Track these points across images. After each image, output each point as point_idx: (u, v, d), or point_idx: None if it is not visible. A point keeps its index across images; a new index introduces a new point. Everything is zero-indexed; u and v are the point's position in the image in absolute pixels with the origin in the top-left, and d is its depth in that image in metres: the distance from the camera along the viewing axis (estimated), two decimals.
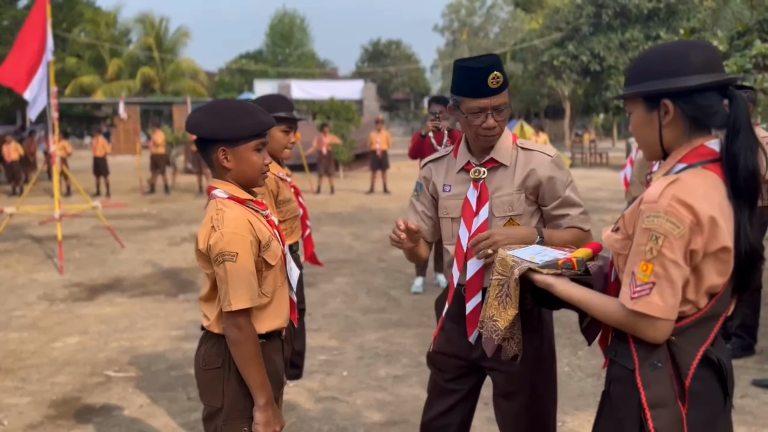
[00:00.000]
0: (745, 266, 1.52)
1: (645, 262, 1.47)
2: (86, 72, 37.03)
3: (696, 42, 1.62)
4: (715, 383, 1.55)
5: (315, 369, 4.44)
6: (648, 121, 1.61)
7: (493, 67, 2.13)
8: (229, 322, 1.96)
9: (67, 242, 9.06)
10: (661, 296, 1.46)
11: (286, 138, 2.95)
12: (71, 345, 4.98)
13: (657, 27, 19.25)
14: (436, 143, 6.30)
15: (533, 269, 1.75)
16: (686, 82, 1.53)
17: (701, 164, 1.54)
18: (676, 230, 1.44)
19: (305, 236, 3.17)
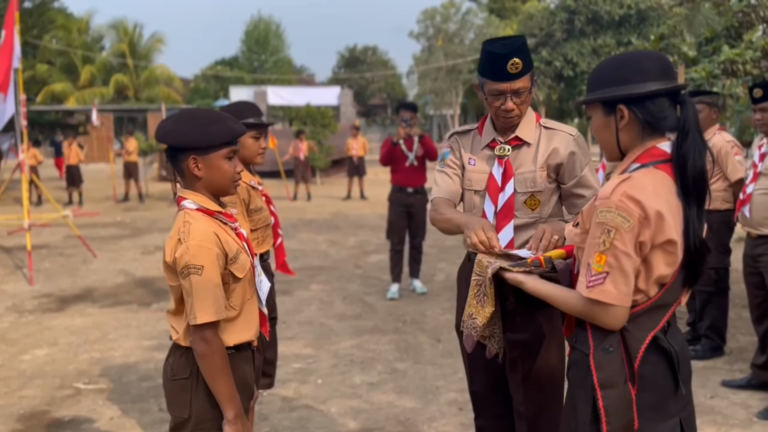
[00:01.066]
0: (694, 259, 1.65)
1: (599, 253, 1.60)
2: (58, 79, 36.47)
3: (650, 52, 1.77)
4: (665, 369, 1.66)
5: (289, 377, 4.41)
6: (606, 124, 1.74)
7: (514, 53, 2.19)
8: (195, 336, 1.94)
9: (38, 252, 8.90)
10: (614, 285, 1.59)
11: (256, 144, 2.94)
12: (40, 357, 4.89)
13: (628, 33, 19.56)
14: (407, 149, 6.32)
15: (505, 268, 1.86)
16: (639, 89, 1.67)
17: (653, 164, 1.67)
18: (626, 224, 1.57)
19: (277, 245, 3.15)
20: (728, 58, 8.47)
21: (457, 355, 4.69)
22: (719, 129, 4.71)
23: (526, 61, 2.22)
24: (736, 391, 4.04)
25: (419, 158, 6.30)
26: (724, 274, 4.65)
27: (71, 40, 37.53)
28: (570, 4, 20.42)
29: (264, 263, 3.04)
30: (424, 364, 4.61)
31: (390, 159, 6.32)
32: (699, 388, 4.12)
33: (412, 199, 6.35)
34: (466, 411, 3.82)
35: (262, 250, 2.99)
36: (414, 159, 6.27)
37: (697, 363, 4.53)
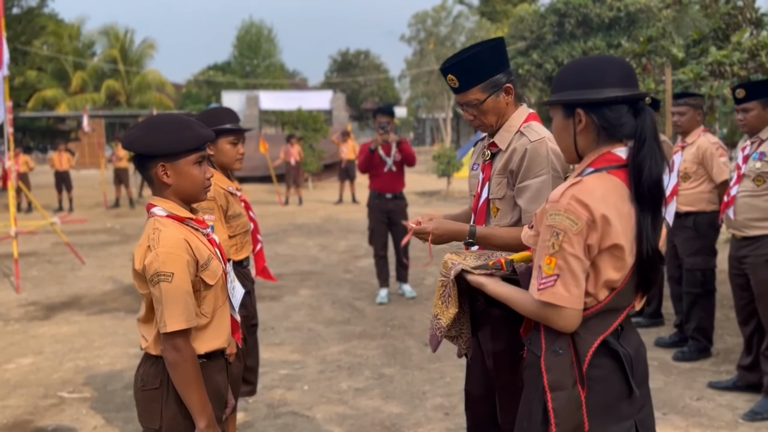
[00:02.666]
0: (646, 267, 1.66)
1: (549, 256, 1.62)
2: (49, 85, 36.37)
3: (613, 58, 1.77)
4: (616, 371, 1.66)
5: (275, 384, 4.38)
6: (565, 127, 1.76)
7: (448, 70, 2.24)
8: (166, 344, 1.91)
9: (25, 260, 8.85)
10: (565, 287, 1.60)
11: (234, 150, 2.92)
12: (25, 366, 4.84)
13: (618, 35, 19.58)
14: (385, 155, 6.29)
15: (466, 270, 1.89)
16: (597, 95, 1.68)
17: (606, 169, 1.68)
18: (574, 226, 1.59)
19: (256, 251, 3.13)
20: (716, 60, 8.50)
21: (445, 359, 4.68)
22: (704, 131, 4.72)
23: (463, 77, 2.20)
24: (723, 392, 4.03)
25: (398, 164, 6.28)
26: (711, 275, 4.66)
27: (62, 46, 37.43)
28: (560, 7, 20.46)
29: (244, 269, 3.01)
30: (411, 369, 4.59)
31: (368, 166, 6.30)
32: (685, 389, 4.12)
33: (391, 204, 6.32)
34: (453, 416, 3.80)
35: (241, 256, 2.97)
36: (392, 165, 6.25)
37: (683, 364, 4.54)
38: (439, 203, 15.01)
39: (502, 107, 2.28)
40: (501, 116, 2.30)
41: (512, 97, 2.28)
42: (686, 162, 4.66)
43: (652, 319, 5.42)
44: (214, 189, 2.83)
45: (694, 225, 4.62)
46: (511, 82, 2.28)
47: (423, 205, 14.53)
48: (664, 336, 5.04)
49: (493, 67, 2.23)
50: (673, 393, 4.08)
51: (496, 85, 2.25)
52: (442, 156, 16.48)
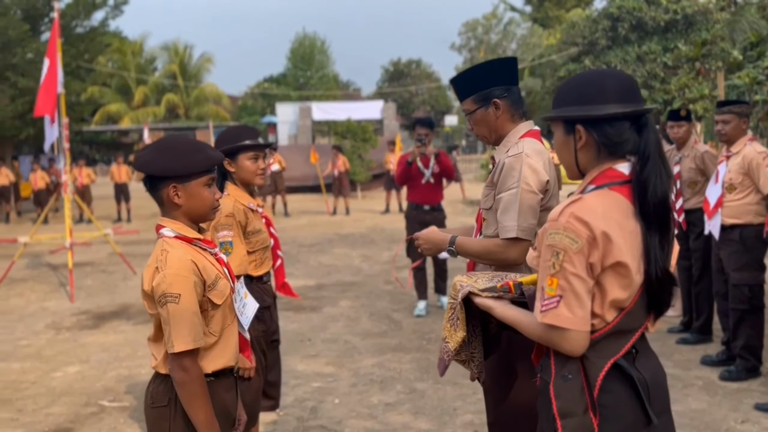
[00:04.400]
0: (656, 287, 1.59)
1: (550, 276, 1.57)
2: (113, 100, 37.94)
3: (615, 72, 1.71)
4: (630, 398, 1.58)
5: (307, 396, 4.41)
6: (566, 143, 1.73)
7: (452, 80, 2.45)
8: (173, 364, 1.95)
9: (82, 269, 9.21)
10: (569, 308, 1.54)
11: (255, 165, 2.97)
12: (71, 374, 5.03)
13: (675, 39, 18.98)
14: (423, 167, 6.26)
15: (474, 293, 1.85)
16: (597, 111, 1.63)
17: (608, 186, 1.63)
18: (575, 245, 1.54)
19: (276, 267, 3.16)
20: None
21: None
22: (750, 139, 4.52)
23: (459, 87, 2.39)
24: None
25: (436, 176, 6.24)
26: (759, 290, 4.44)
27: (126, 62, 39.00)
28: (613, 12, 19.99)
29: (264, 285, 3.05)
30: (443, 384, 4.54)
31: (406, 178, 6.28)
32: (730, 411, 3.93)
33: (429, 216, 6.27)
34: None
35: (260, 272, 3.01)
36: (430, 176, 6.21)
37: (730, 384, 4.33)
38: None
39: (491, 120, 2.36)
40: (493, 130, 2.38)
41: (504, 113, 2.35)
42: (731, 172, 4.47)
43: (700, 336, 5.21)
44: (234, 206, 2.89)
45: (740, 238, 4.42)
46: (505, 98, 2.34)
47: (470, 214, 14.40)
48: (711, 354, 4.83)
49: (488, 81, 2.34)
50: (716, 415, 3.90)
51: (486, 99, 2.34)
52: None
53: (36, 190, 16.74)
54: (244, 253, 2.89)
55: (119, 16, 19.48)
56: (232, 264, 2.67)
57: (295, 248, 10.71)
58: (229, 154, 2.95)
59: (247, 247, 2.93)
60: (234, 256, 2.81)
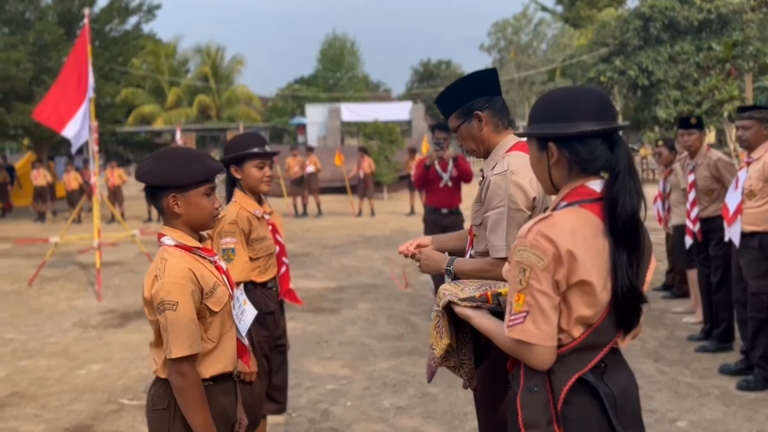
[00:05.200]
0: (622, 305, 1.60)
1: (517, 292, 1.59)
2: (147, 101, 38.71)
3: (588, 89, 1.72)
4: (596, 412, 1.60)
5: (320, 399, 4.47)
6: (539, 160, 1.75)
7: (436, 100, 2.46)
8: (172, 369, 2.02)
9: (110, 269, 9.44)
10: (534, 324, 1.57)
11: (260, 172, 3.03)
12: (94, 372, 5.17)
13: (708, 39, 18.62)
14: (441, 170, 6.27)
15: (454, 302, 1.89)
16: (566, 129, 1.65)
17: (579, 203, 1.64)
18: (541, 262, 1.56)
19: (281, 274, 3.21)
20: None
21: None
22: None
23: (443, 106, 2.39)
24: None
25: (454, 179, 6.25)
26: None
27: (159, 65, 39.74)
28: (645, 11, 19.70)
29: (268, 290, 3.11)
30: (456, 389, 4.56)
31: (424, 181, 6.31)
32: (745, 421, 3.87)
33: (447, 220, 6.28)
34: None
35: (264, 278, 3.07)
36: (449, 180, 6.22)
37: (747, 394, 4.27)
38: None
39: (476, 133, 2.36)
40: (481, 143, 2.37)
41: (487, 124, 2.34)
42: (751, 179, 4.40)
43: (719, 344, 5.13)
44: (238, 213, 2.96)
45: (759, 246, 4.34)
46: (486, 109, 2.33)
47: None
48: (731, 363, 4.75)
49: (467, 95, 2.34)
50: (731, 425, 3.85)
51: (468, 112, 2.35)
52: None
53: (69, 190, 17.16)
54: (246, 260, 2.96)
55: (152, 19, 19.89)
56: (234, 270, 2.73)
57: (319, 250, 10.81)
58: (236, 161, 3.01)
59: (250, 253, 2.99)
60: (235, 263, 2.88)
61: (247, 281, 2.97)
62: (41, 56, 17.22)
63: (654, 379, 4.58)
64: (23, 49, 16.77)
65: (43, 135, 18.84)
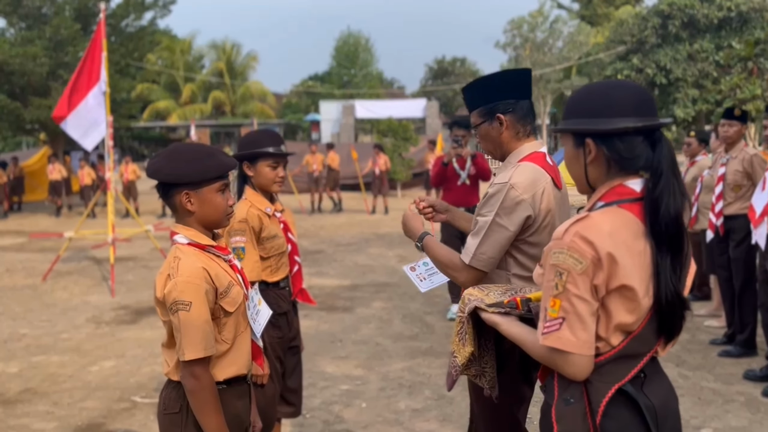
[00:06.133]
0: (665, 312, 1.51)
1: (553, 297, 1.50)
2: (162, 97, 38.87)
3: (627, 84, 1.61)
4: (636, 424, 1.51)
5: (335, 399, 4.39)
6: (575, 157, 1.65)
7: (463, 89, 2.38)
8: (185, 372, 1.95)
9: (124, 264, 9.43)
10: (571, 331, 1.48)
11: (273, 173, 2.94)
12: (106, 369, 5.14)
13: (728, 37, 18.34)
14: (459, 168, 6.18)
15: (480, 308, 1.80)
16: (606, 125, 1.55)
17: (617, 203, 1.55)
18: (579, 266, 1.47)
19: (293, 273, 3.13)
20: None
21: None
22: None
23: (469, 98, 2.32)
24: None
25: (472, 177, 6.15)
26: None
27: (175, 60, 39.90)
28: (664, 9, 19.44)
29: (281, 290, 3.03)
30: None
31: (441, 179, 6.21)
32: None
33: None
34: None
35: (276, 278, 2.99)
36: (466, 178, 6.12)
37: None
38: None
39: (495, 137, 2.28)
40: (498, 146, 2.30)
41: (508, 129, 2.25)
42: None
43: (743, 349, 4.99)
44: (248, 211, 2.88)
45: None
46: (510, 113, 2.24)
47: None
48: (755, 368, 4.62)
49: (495, 95, 2.25)
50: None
51: (491, 113, 2.26)
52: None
53: (82, 186, 17.24)
54: (256, 258, 2.88)
55: (167, 15, 19.91)
56: (244, 270, 2.66)
57: (332, 247, 10.75)
58: (249, 158, 2.94)
59: (261, 252, 2.91)
60: (246, 262, 2.80)
61: (258, 281, 2.89)
62: (57, 51, 17.29)
63: (676, 384, 4.45)
64: (40, 44, 16.86)
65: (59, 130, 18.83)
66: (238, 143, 3.01)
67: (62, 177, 17.45)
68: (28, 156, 20.85)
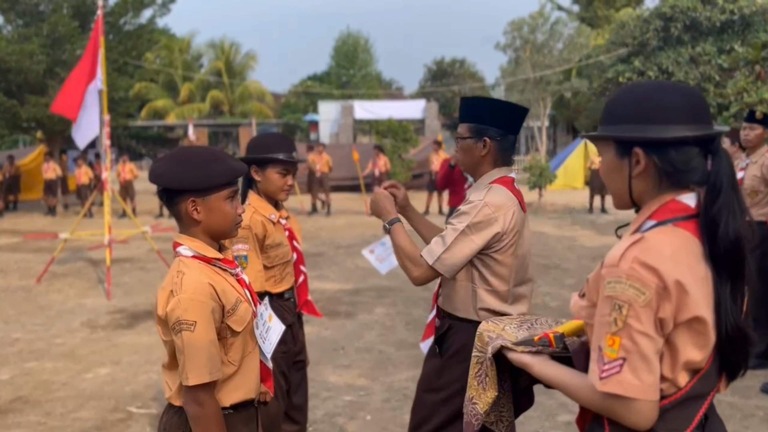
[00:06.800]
0: (727, 348, 1.32)
1: (611, 335, 1.29)
2: (159, 96, 38.63)
3: (679, 86, 1.41)
4: None
5: (338, 411, 4.24)
6: (618, 168, 1.44)
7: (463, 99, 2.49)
8: (188, 397, 1.79)
9: (120, 266, 9.26)
10: (634, 373, 1.28)
11: (282, 180, 2.79)
12: (101, 376, 4.97)
13: (731, 40, 18.24)
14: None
15: (507, 347, 1.57)
16: (661, 133, 1.35)
17: (672, 221, 1.36)
18: (641, 297, 1.27)
19: (299, 283, 2.97)
20: None
21: None
22: None
23: (464, 110, 2.41)
24: None
25: None
26: None
27: (173, 59, 39.68)
28: (666, 11, 19.33)
29: (285, 302, 2.87)
30: None
31: (447, 182, 6.07)
32: None
33: None
34: None
35: (280, 288, 2.83)
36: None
37: None
38: (531, 217, 14.46)
39: (475, 155, 2.39)
40: (474, 164, 2.42)
41: (489, 154, 2.38)
42: None
43: (760, 360, 4.85)
44: (252, 217, 2.72)
45: None
46: (497, 141, 2.36)
47: None
48: None
49: (489, 120, 2.36)
50: None
51: (480, 134, 2.37)
52: (534, 167, 15.92)
53: (79, 185, 17.04)
54: (259, 268, 2.72)
55: (167, 14, 19.71)
56: None
57: (332, 249, 10.59)
58: (258, 163, 2.78)
59: (265, 261, 2.75)
60: (248, 272, 2.64)
61: (261, 292, 2.73)
62: (55, 49, 17.10)
63: None
64: (37, 42, 16.66)
65: (55, 128, 18.72)
66: (248, 145, 2.84)
67: (57, 176, 17.25)
68: (24, 154, 20.65)
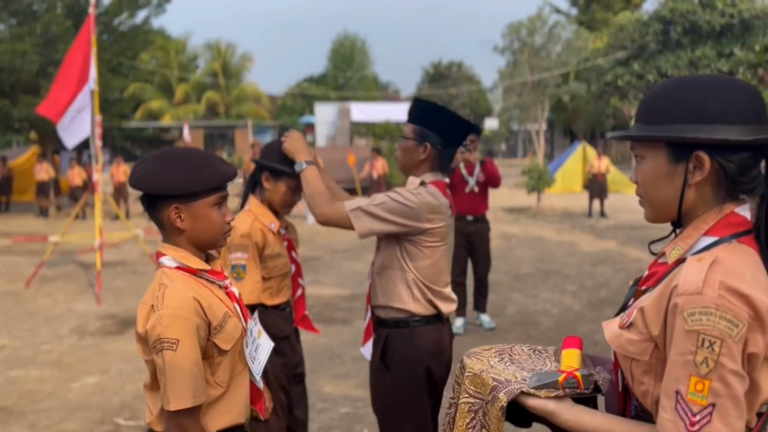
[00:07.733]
0: None
1: (699, 378, 1.08)
2: (155, 97, 38.41)
3: (732, 81, 1.20)
4: None
5: (334, 424, 4.08)
6: (668, 174, 1.21)
7: (416, 100, 2.52)
8: (169, 423, 1.62)
9: (112, 269, 9.07)
10: (724, 421, 1.07)
11: (291, 197, 2.62)
12: (89, 386, 4.79)
13: (730, 44, 18.14)
14: (467, 174, 5.88)
15: (527, 392, 1.30)
16: (733, 135, 1.14)
17: (734, 237, 1.16)
18: (735, 330, 1.06)
19: (297, 297, 2.80)
20: None
21: None
22: None
23: (415, 112, 2.46)
24: None
25: (480, 184, 5.85)
26: None
27: (169, 60, 39.48)
28: (665, 15, 19.23)
29: (281, 312, 2.71)
30: None
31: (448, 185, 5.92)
32: None
33: (472, 227, 5.89)
34: None
35: (276, 301, 2.66)
36: (475, 185, 5.82)
37: None
38: (528, 220, 14.34)
39: (414, 157, 2.44)
40: (411, 165, 2.46)
41: (427, 160, 2.43)
42: None
43: None
44: (252, 225, 2.55)
45: None
46: (437, 150, 2.43)
47: (511, 222, 13.93)
48: None
49: (435, 127, 2.41)
50: None
51: (423, 138, 2.42)
52: (532, 171, 15.78)
53: (72, 186, 16.83)
54: (257, 279, 2.55)
55: (162, 14, 19.53)
56: (243, 291, 2.32)
57: (329, 253, 10.42)
58: (273, 171, 2.60)
59: (262, 272, 2.58)
60: (246, 282, 2.48)
61: (257, 303, 2.57)
62: (48, 48, 16.89)
63: None
64: (30, 41, 16.45)
65: (48, 129, 18.46)
66: (268, 147, 2.63)
67: (50, 177, 17.03)
68: (17, 155, 20.43)
